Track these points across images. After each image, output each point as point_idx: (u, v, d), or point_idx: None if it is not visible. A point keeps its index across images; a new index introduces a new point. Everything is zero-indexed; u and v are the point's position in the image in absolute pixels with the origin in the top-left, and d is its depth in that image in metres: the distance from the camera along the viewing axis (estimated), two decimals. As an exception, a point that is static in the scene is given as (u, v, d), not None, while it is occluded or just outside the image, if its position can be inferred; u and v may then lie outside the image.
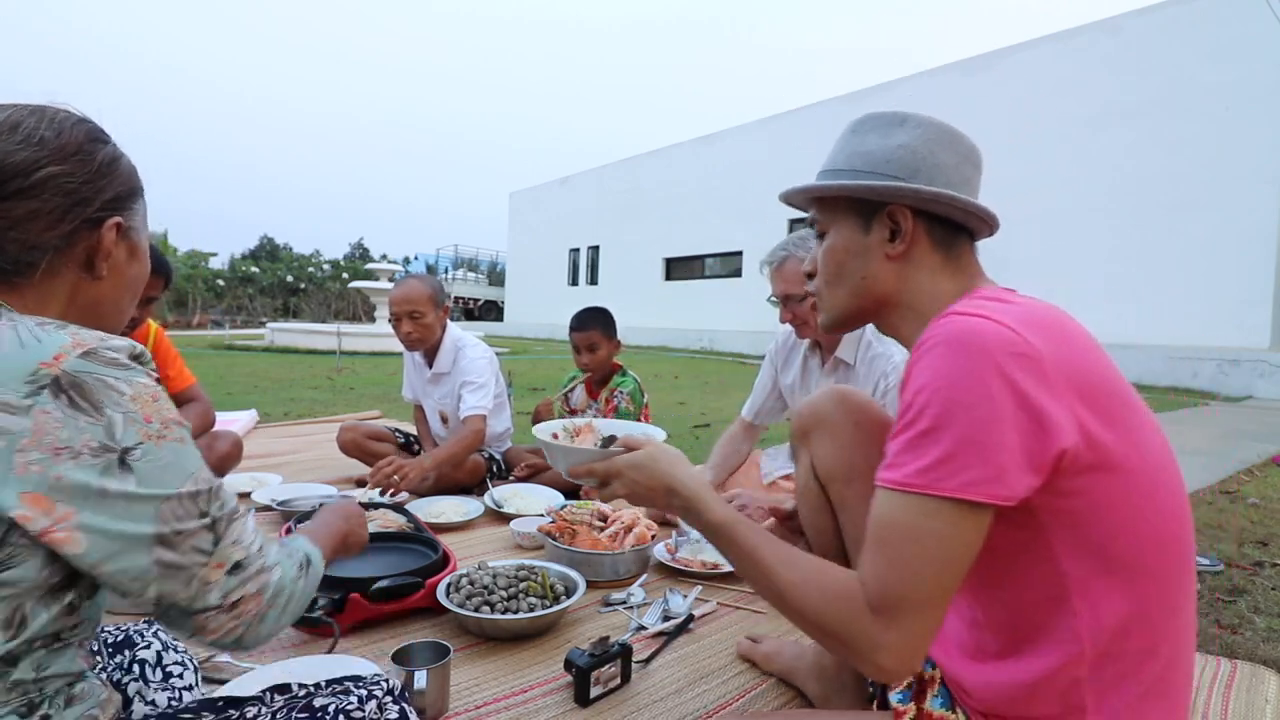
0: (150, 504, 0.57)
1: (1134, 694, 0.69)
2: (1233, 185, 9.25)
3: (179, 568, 0.59)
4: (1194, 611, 0.74)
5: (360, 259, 42.81)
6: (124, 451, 0.56)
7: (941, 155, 0.81)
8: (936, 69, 12.93)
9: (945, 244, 0.84)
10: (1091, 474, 0.66)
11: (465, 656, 1.38)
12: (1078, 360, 0.68)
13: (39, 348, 0.55)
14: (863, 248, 0.84)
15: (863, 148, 0.85)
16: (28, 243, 0.63)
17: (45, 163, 0.63)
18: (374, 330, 11.66)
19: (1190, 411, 6.35)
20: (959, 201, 0.80)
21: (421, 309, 2.53)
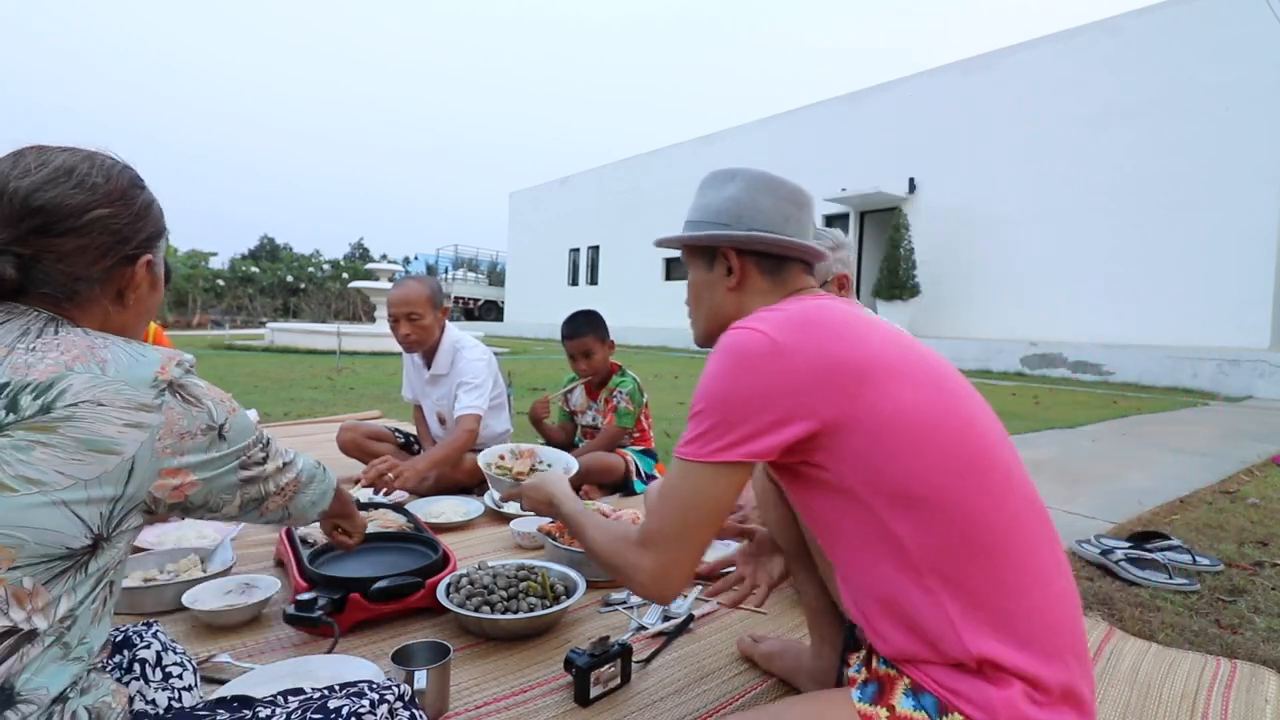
0: (236, 455, 0.79)
1: (980, 599, 0.78)
2: (1233, 185, 9.25)
3: (253, 480, 0.82)
4: (1027, 510, 0.83)
5: (360, 259, 42.82)
6: (220, 427, 0.76)
7: (761, 201, 1.00)
8: (936, 69, 12.92)
9: (772, 272, 1.02)
10: (844, 431, 0.81)
11: (465, 656, 1.39)
12: (828, 347, 0.83)
13: (147, 361, 0.70)
14: (709, 282, 1.05)
15: (703, 201, 1.04)
16: (75, 274, 0.73)
17: (95, 206, 0.73)
18: (374, 330, 11.66)
19: (1190, 411, 6.35)
20: (768, 240, 0.99)
21: (420, 310, 2.52)
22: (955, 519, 0.79)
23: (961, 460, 0.80)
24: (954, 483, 0.79)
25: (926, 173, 12.74)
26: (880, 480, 0.80)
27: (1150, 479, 3.34)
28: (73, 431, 0.62)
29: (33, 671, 0.61)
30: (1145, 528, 2.40)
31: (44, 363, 0.64)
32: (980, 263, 11.91)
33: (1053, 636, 0.78)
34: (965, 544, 0.78)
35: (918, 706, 0.80)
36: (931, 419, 0.81)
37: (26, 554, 0.60)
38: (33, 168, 0.71)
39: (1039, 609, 0.79)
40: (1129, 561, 2.01)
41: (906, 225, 11.74)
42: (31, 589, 0.61)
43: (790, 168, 15.98)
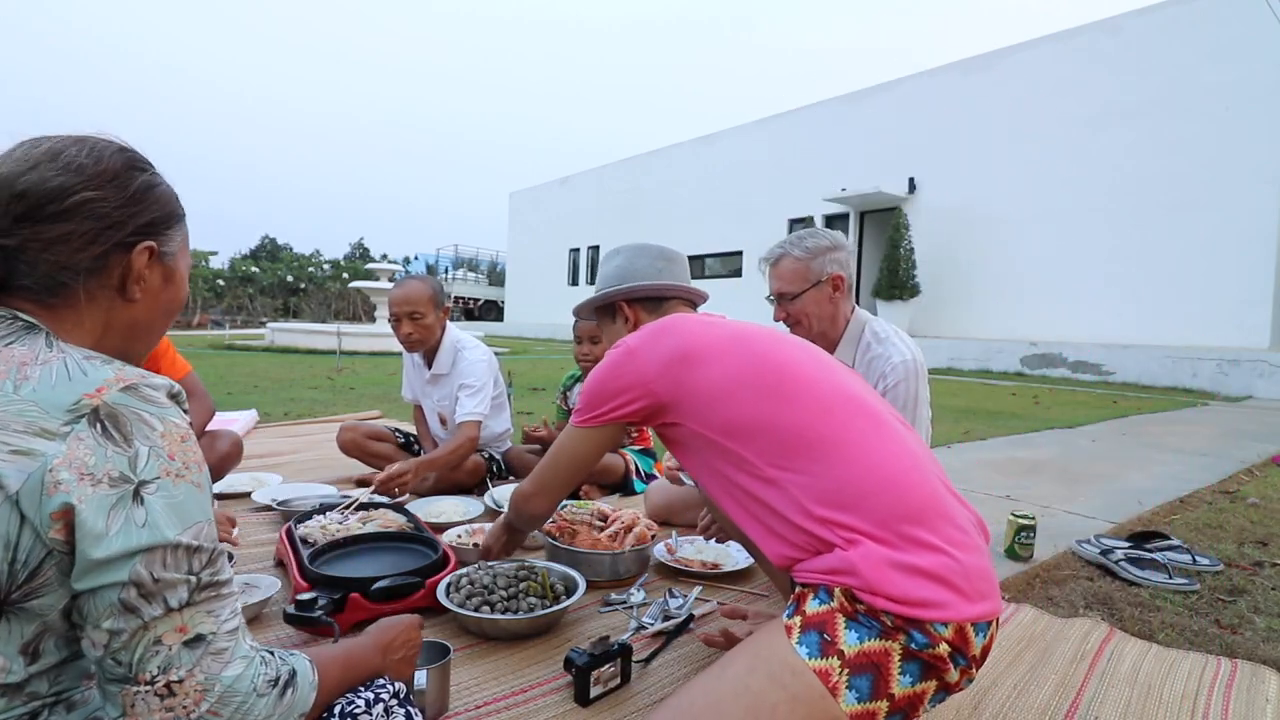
0: (143, 544, 0.56)
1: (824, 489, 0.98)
2: (1233, 185, 9.25)
3: (138, 615, 0.56)
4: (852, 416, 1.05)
5: (360, 259, 42.81)
6: (140, 484, 0.57)
7: (638, 263, 1.39)
8: (936, 69, 12.91)
9: (655, 311, 1.36)
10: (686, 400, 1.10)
11: (465, 656, 1.38)
12: (664, 345, 1.15)
13: (84, 380, 0.58)
14: (615, 332, 1.41)
15: (602, 274, 1.43)
16: (60, 264, 0.65)
17: (80, 188, 0.65)
18: (374, 330, 11.65)
19: (1190, 411, 6.35)
20: (644, 288, 1.37)
21: (421, 310, 2.52)
22: (774, 429, 1.03)
23: (768, 394, 1.05)
24: (766, 409, 1.04)
25: (926, 173, 12.74)
26: (713, 423, 1.07)
27: (1150, 479, 3.34)
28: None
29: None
30: (1145, 528, 2.40)
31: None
32: (980, 263, 11.91)
33: (883, 497, 0.96)
34: (789, 443, 1.02)
35: (821, 602, 0.95)
36: (742, 378, 1.08)
37: None
38: (19, 154, 0.66)
39: (864, 479, 0.97)
40: (1129, 561, 2.01)
41: (906, 225, 11.73)
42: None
43: (790, 167, 16.04)
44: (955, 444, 4.23)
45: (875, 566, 0.90)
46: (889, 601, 0.88)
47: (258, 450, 3.32)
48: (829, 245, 1.77)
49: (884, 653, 0.89)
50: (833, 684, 0.88)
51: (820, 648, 0.90)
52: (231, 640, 0.61)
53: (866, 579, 0.90)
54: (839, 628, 0.91)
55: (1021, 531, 2.12)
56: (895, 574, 0.89)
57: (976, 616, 0.90)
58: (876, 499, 0.95)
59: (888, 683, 0.88)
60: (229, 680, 0.59)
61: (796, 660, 0.90)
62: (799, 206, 14.73)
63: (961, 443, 4.27)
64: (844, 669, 0.89)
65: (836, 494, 0.97)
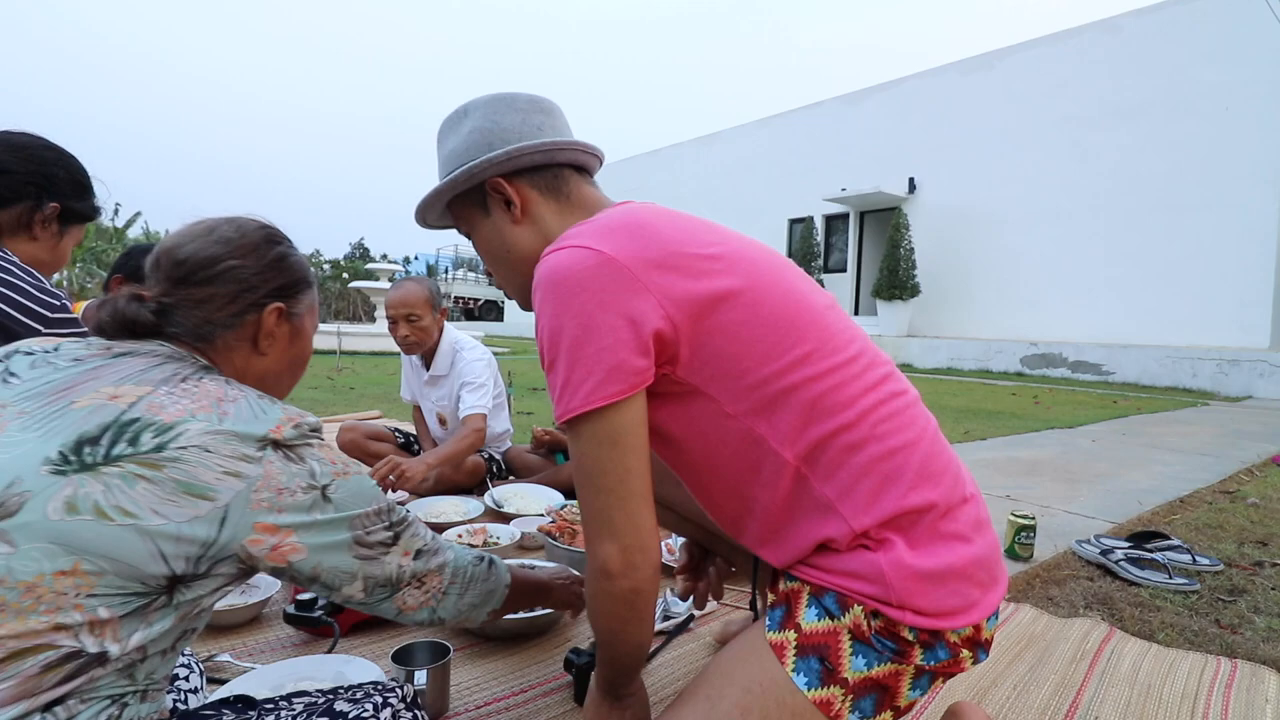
0: (345, 522, 0.74)
1: (854, 473, 0.78)
2: (1232, 185, 9.26)
3: (374, 558, 0.77)
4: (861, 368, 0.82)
5: (360, 259, 42.82)
6: (324, 488, 0.73)
7: (505, 119, 0.92)
8: (936, 68, 12.92)
9: (553, 189, 0.94)
10: (698, 326, 0.77)
11: (465, 656, 1.39)
12: (655, 242, 0.79)
13: (266, 419, 0.71)
14: (493, 228, 0.95)
15: (445, 150, 0.96)
16: (206, 319, 0.79)
17: (227, 257, 0.81)
18: (374, 330, 11.65)
19: (1190, 411, 6.35)
20: (529, 148, 0.89)
21: (418, 311, 2.51)
22: (796, 394, 0.79)
23: (791, 342, 0.80)
24: (788, 363, 0.80)
25: (926, 173, 12.75)
26: (730, 381, 0.79)
27: (1150, 479, 3.34)
28: (174, 473, 0.64)
29: (88, 693, 0.62)
30: (1145, 528, 2.40)
31: (176, 406, 0.68)
32: (980, 263, 11.91)
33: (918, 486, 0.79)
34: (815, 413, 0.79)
35: (821, 614, 0.81)
36: (759, 314, 0.81)
37: (105, 584, 0.61)
38: (185, 230, 0.82)
39: (899, 460, 0.79)
40: (1129, 561, 2.01)
41: (906, 225, 11.73)
42: (107, 618, 0.62)
43: (790, 167, 16.05)
44: (955, 444, 4.23)
45: (906, 577, 0.76)
46: (917, 616, 0.76)
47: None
48: None
49: (895, 675, 0.79)
50: (835, 712, 0.79)
51: (821, 677, 0.79)
52: (437, 542, 0.85)
53: (895, 591, 0.76)
54: (844, 653, 0.79)
55: (1021, 531, 2.12)
56: (925, 584, 0.76)
57: (994, 605, 0.81)
58: (910, 491, 0.79)
59: (895, 698, 0.81)
60: (449, 561, 0.86)
61: (795, 696, 0.79)
62: (799, 206, 14.73)
63: (961, 443, 4.27)
64: (848, 695, 0.79)
65: (870, 481, 0.79)
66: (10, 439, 0.64)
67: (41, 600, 0.59)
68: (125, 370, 0.70)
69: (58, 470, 0.62)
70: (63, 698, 0.59)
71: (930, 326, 12.36)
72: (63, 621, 0.59)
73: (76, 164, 1.34)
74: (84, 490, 0.61)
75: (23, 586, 0.59)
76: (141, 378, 0.69)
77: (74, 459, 0.62)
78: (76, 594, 0.60)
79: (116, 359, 0.71)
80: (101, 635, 0.61)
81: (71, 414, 0.65)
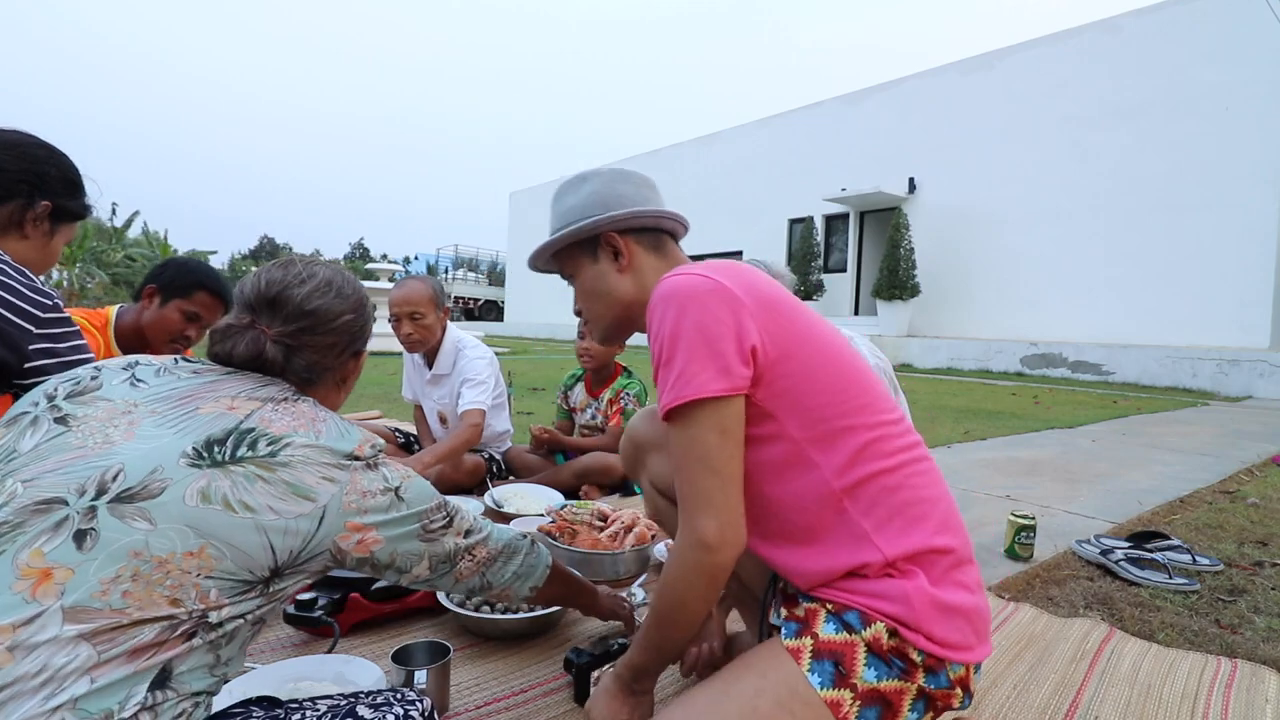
0: (416, 517, 0.87)
1: (890, 510, 0.89)
2: (1232, 185, 9.26)
3: (436, 540, 0.89)
4: (902, 431, 0.94)
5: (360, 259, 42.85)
6: (397, 489, 0.85)
7: (621, 188, 1.09)
8: (936, 69, 12.92)
9: (655, 247, 1.10)
10: (783, 360, 0.89)
11: (465, 656, 1.39)
12: (754, 287, 0.92)
13: (350, 438, 0.83)
14: (599, 273, 1.09)
15: (564, 207, 1.11)
16: (322, 365, 0.92)
17: (346, 312, 0.93)
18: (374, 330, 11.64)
19: (1190, 411, 6.35)
20: (645, 213, 1.06)
21: (422, 310, 2.52)
22: (849, 435, 0.90)
23: (849, 391, 0.92)
24: (847, 408, 0.91)
25: (926, 173, 12.75)
26: (798, 410, 0.90)
27: (1150, 479, 3.35)
28: (285, 475, 0.75)
29: (190, 664, 0.68)
30: (1145, 528, 2.40)
31: (281, 421, 0.79)
32: (980, 263, 11.92)
33: (942, 533, 0.90)
34: (860, 455, 0.89)
35: (839, 629, 0.88)
36: (827, 361, 0.93)
37: (222, 569, 0.70)
38: (305, 277, 0.91)
39: (926, 509, 0.90)
40: (1129, 561, 2.01)
41: (906, 225, 11.74)
42: (215, 601, 0.70)
43: (790, 167, 16.02)
44: (955, 444, 4.23)
45: (925, 605, 0.85)
46: (928, 641, 0.85)
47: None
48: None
49: (899, 692, 0.86)
50: (843, 714, 0.85)
51: (834, 679, 0.86)
52: (481, 522, 0.98)
53: (916, 615, 0.85)
54: (858, 663, 0.86)
55: (1021, 531, 2.12)
56: (939, 615, 0.86)
57: (982, 658, 0.90)
58: (936, 534, 0.89)
59: (895, 716, 0.87)
60: (495, 535, 0.99)
61: (808, 690, 0.86)
62: (799, 206, 14.74)
63: (961, 443, 4.27)
64: (856, 701, 0.85)
65: (902, 520, 0.89)
66: (148, 432, 0.73)
67: (169, 575, 0.67)
68: (238, 387, 0.82)
69: (194, 464, 0.71)
70: (165, 672, 0.66)
71: (930, 326, 12.37)
72: (180, 597, 0.67)
73: (68, 162, 1.33)
74: (215, 484, 0.71)
75: (156, 560, 0.67)
76: (252, 394, 0.81)
77: (206, 455, 0.72)
78: (198, 574, 0.69)
79: (228, 376, 0.84)
80: (207, 608, 0.69)
81: (199, 417, 0.76)
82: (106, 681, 0.62)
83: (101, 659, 0.62)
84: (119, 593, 0.64)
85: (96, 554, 0.65)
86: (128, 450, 0.71)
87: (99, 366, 0.82)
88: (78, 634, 0.62)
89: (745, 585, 1.24)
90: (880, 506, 0.89)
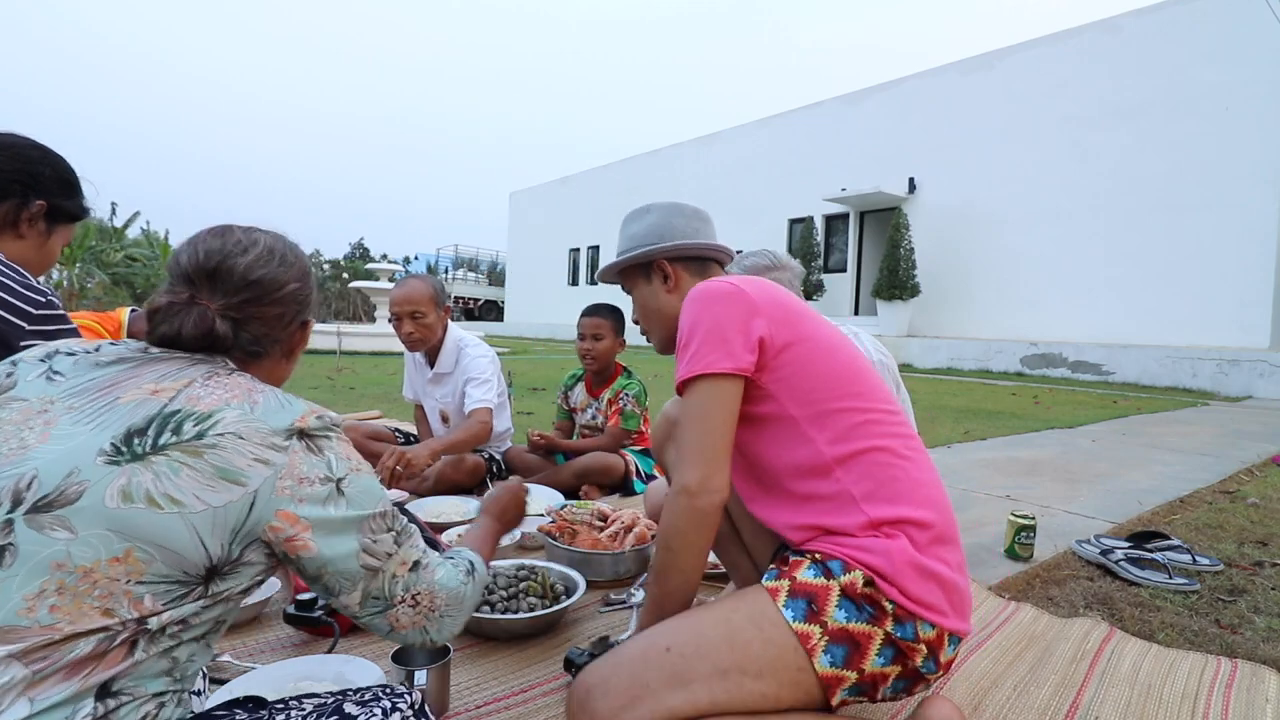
0: (356, 522, 0.77)
1: (877, 482, 1.00)
2: (1232, 185, 9.26)
3: (376, 569, 0.79)
4: (896, 420, 1.07)
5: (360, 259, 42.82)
6: (339, 480, 0.77)
7: (676, 221, 1.29)
8: (936, 69, 12.92)
9: (699, 272, 1.30)
10: (786, 351, 1.05)
11: (465, 656, 1.39)
12: (771, 294, 1.09)
13: (292, 410, 0.77)
14: (651, 293, 1.31)
15: (629, 232, 1.32)
16: (271, 336, 0.87)
17: (291, 280, 0.88)
18: (374, 330, 11.65)
19: (1190, 411, 6.35)
20: (689, 246, 1.28)
21: (423, 309, 2.52)
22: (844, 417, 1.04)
23: (850, 380, 1.06)
24: (846, 396, 1.05)
25: (926, 173, 12.75)
26: (799, 396, 1.04)
27: (1150, 479, 3.34)
28: (213, 458, 0.69)
29: (137, 677, 0.65)
30: (1145, 528, 2.40)
31: (211, 397, 0.73)
32: (980, 263, 11.91)
33: (926, 510, 1.00)
34: (852, 436, 1.03)
35: (819, 574, 0.97)
36: (830, 352, 1.08)
37: (153, 572, 0.66)
38: (246, 246, 0.85)
39: (916, 490, 1.01)
40: (1129, 561, 2.01)
41: (906, 225, 11.74)
42: (151, 608, 0.66)
43: (790, 167, 16.02)
44: (955, 444, 4.23)
45: (904, 564, 0.94)
46: (901, 595, 0.93)
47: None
48: (768, 265, 1.80)
49: (867, 635, 0.94)
50: (810, 646, 0.93)
51: (805, 615, 0.95)
52: (430, 557, 0.86)
53: (893, 570, 0.94)
54: (830, 603, 0.95)
55: (1021, 531, 2.12)
56: (916, 574, 0.95)
57: (957, 630, 0.97)
58: (918, 509, 0.99)
59: (862, 658, 0.94)
60: (443, 580, 0.85)
61: (778, 616, 0.95)
62: (799, 206, 14.74)
63: (961, 443, 4.27)
64: (825, 636, 0.93)
65: (887, 491, 1.00)
66: (64, 431, 0.68)
67: (97, 585, 0.63)
68: (164, 368, 0.75)
69: (112, 460, 0.66)
70: (110, 683, 0.63)
71: (930, 326, 12.37)
72: (112, 607, 0.63)
73: (63, 163, 1.33)
74: (136, 479, 0.66)
75: (80, 571, 0.63)
76: (179, 374, 0.75)
77: (125, 450, 0.67)
78: (127, 580, 0.64)
79: (155, 359, 0.77)
80: (143, 616, 0.65)
81: (119, 409, 0.70)
82: (48, 702, 0.59)
83: (37, 677, 0.60)
84: (45, 608, 0.61)
85: (17, 570, 0.62)
86: (42, 454, 0.66)
87: (14, 361, 0.76)
88: (8, 654, 0.59)
89: (756, 566, 1.31)
90: (868, 479, 1.00)
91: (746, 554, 1.34)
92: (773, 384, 1.05)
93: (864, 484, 1.00)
